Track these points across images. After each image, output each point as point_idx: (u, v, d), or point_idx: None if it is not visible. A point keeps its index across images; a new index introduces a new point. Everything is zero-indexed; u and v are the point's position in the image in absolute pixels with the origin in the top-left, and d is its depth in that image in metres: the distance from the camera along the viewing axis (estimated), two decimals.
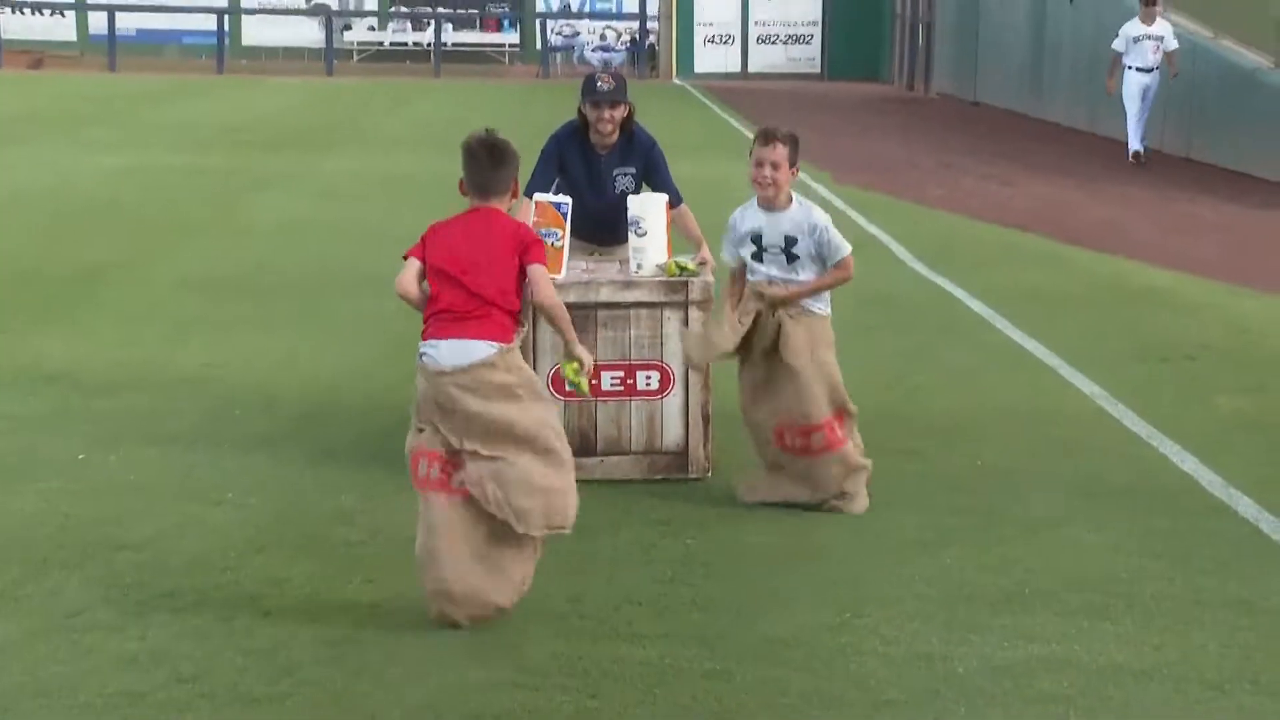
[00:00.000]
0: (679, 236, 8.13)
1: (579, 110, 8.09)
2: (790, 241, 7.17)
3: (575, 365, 6.24)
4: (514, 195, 6.21)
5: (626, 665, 5.58)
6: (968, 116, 32.07)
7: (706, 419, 7.73)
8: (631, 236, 7.77)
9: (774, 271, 7.22)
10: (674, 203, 8.05)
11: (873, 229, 16.22)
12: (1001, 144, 25.61)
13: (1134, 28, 21.82)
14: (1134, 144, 22.28)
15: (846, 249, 7.25)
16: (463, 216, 6.15)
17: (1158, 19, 21.85)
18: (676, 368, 7.70)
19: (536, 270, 6.07)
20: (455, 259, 6.03)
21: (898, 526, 7.13)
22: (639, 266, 7.75)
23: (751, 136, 7.42)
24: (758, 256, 7.25)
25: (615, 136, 8.05)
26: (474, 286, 5.98)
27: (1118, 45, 21.98)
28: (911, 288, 13.14)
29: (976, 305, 12.24)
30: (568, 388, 6.66)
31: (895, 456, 8.08)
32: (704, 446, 7.74)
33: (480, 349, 5.90)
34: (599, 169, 8.12)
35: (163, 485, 7.57)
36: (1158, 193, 19.66)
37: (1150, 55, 21.71)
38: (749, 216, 7.29)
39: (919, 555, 6.71)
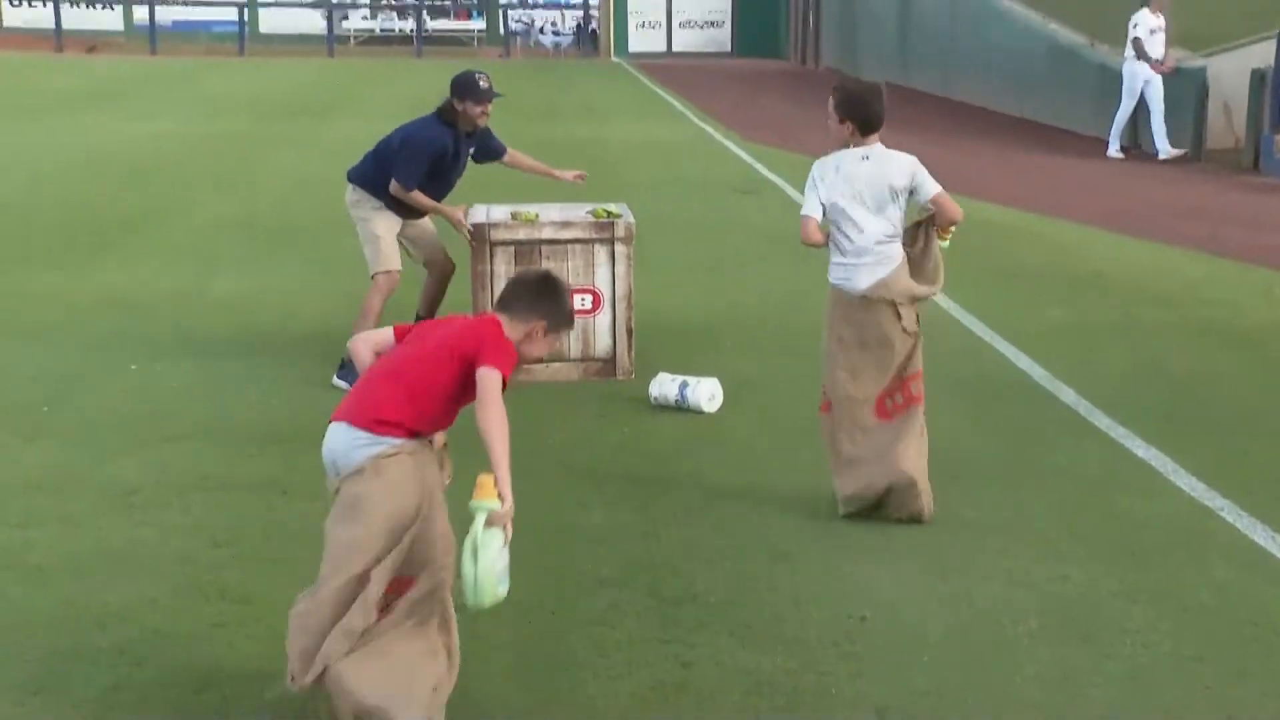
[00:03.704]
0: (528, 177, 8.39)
1: (450, 105, 7.63)
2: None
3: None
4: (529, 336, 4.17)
5: (577, 529, 5.62)
6: None
7: (630, 332, 7.82)
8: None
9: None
10: (503, 151, 7.99)
11: (772, 176, 16.19)
12: None
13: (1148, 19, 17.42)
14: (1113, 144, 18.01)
15: None
16: None
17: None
18: (605, 291, 7.77)
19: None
20: None
21: (792, 416, 7.11)
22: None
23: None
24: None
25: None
26: None
27: (1139, 33, 17.43)
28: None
29: None
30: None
31: (790, 357, 8.10)
32: (628, 354, 7.80)
33: None
34: (460, 148, 7.79)
35: (198, 389, 7.53)
36: (997, 144, 19.67)
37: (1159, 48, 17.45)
38: None
39: (810, 439, 6.60)
